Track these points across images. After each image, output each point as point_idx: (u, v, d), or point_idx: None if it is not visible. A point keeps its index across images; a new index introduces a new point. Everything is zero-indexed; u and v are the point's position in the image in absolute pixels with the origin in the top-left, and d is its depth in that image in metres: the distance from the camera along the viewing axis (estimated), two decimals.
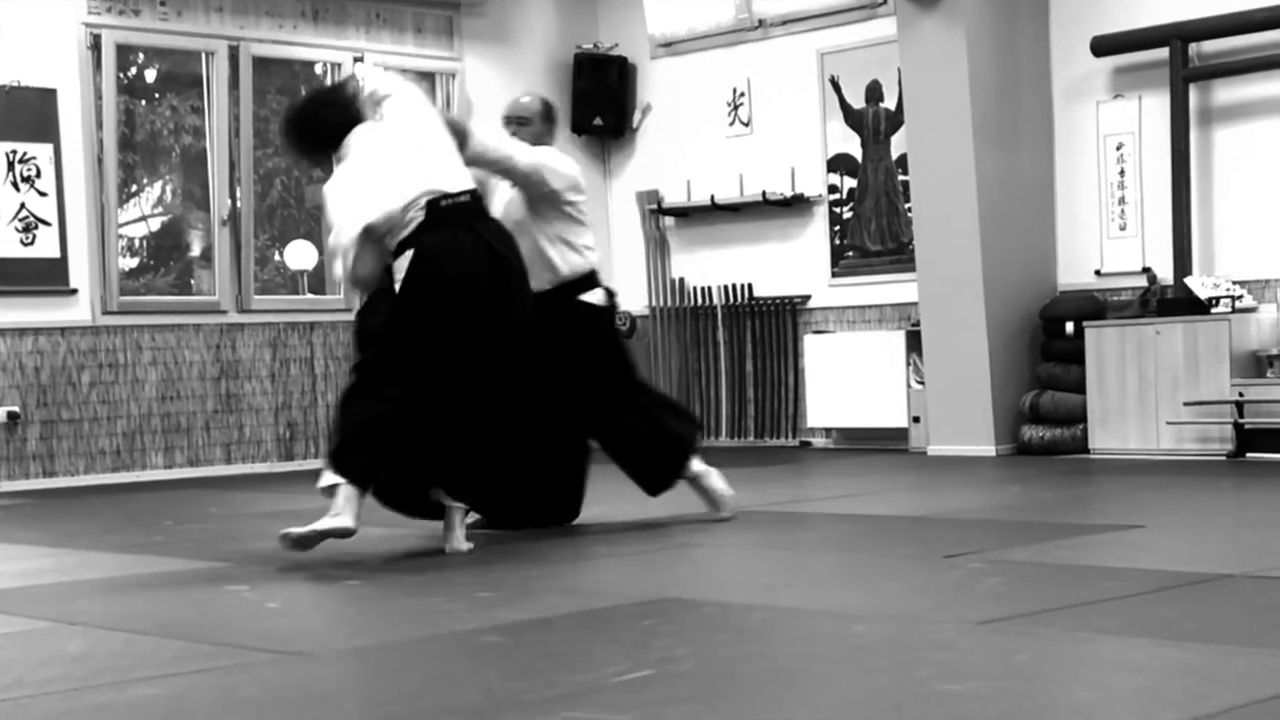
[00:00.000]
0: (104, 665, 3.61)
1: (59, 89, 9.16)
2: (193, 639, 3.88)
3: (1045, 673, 3.21)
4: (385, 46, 10.60)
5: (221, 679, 3.38)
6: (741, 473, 8.67)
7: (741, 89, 10.97)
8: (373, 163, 5.22)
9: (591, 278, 6.03)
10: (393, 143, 5.28)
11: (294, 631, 4.01)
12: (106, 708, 3.12)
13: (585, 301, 5.97)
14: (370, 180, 5.17)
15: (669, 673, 3.28)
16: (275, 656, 3.61)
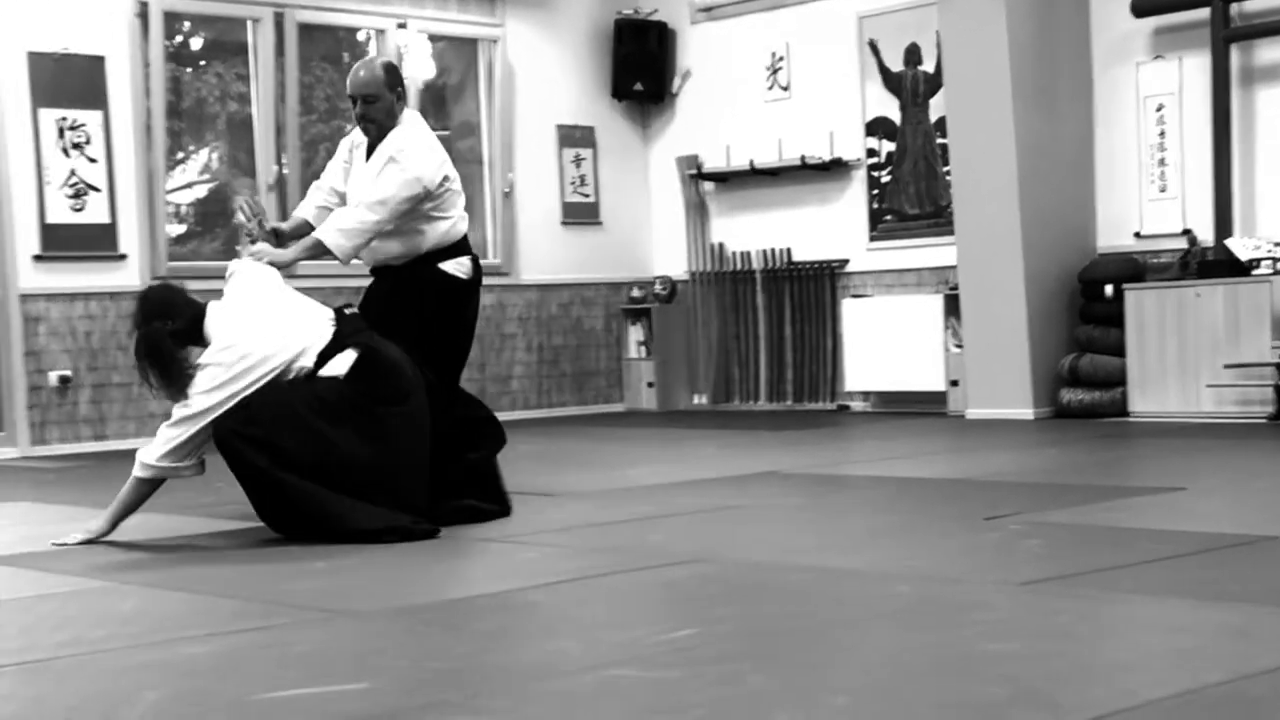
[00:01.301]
0: (157, 624, 3.65)
1: (108, 56, 9.18)
2: (244, 598, 3.91)
3: (1088, 633, 3.20)
4: (428, 13, 10.59)
5: (273, 637, 3.40)
6: (780, 436, 8.69)
7: (780, 53, 10.92)
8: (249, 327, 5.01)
9: (457, 246, 5.63)
10: (253, 306, 5.13)
11: (344, 591, 4.03)
12: (160, 665, 3.15)
13: (446, 272, 5.59)
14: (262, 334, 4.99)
15: (714, 632, 3.29)
16: (326, 615, 3.64)
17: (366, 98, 5.50)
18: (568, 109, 11.33)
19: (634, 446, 8.50)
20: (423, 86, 10.69)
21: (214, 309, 5.06)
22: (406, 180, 5.37)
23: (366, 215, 5.35)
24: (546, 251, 11.18)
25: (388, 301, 5.55)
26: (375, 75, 5.51)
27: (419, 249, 5.53)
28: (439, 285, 5.57)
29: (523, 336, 11.06)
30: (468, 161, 11.33)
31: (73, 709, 2.79)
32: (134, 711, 2.74)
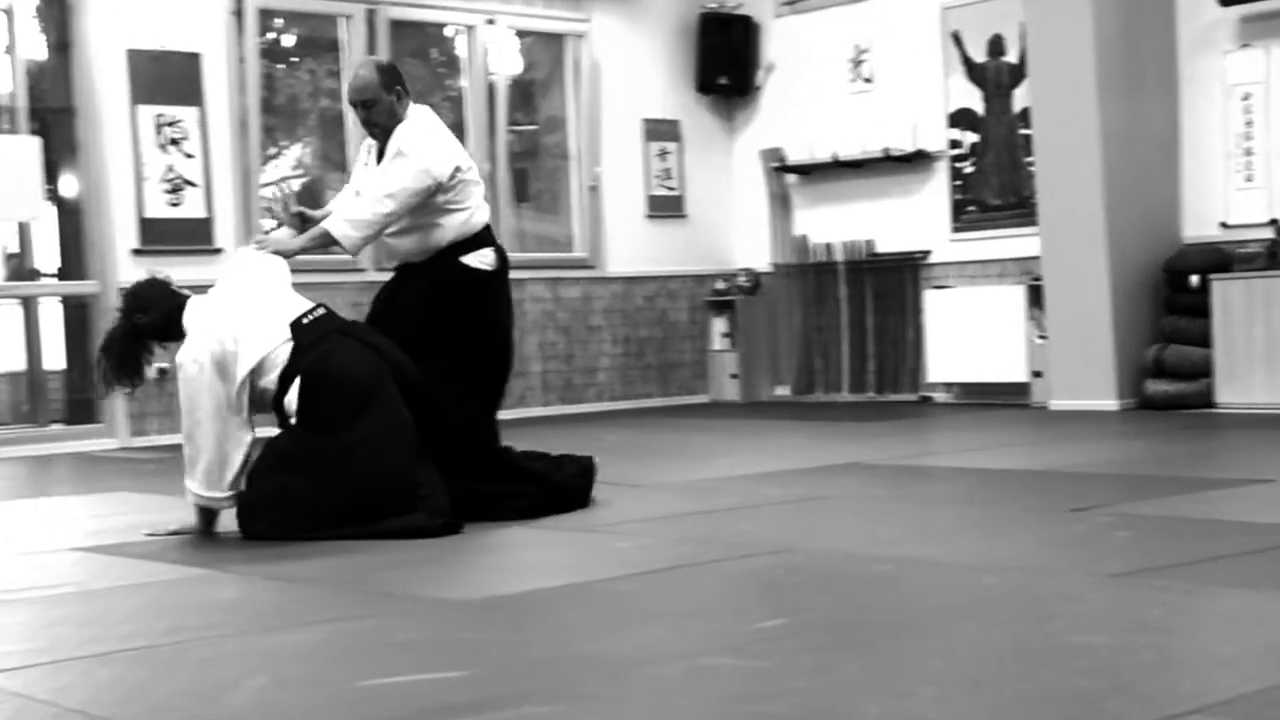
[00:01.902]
0: (258, 612, 3.70)
1: (204, 54, 9.29)
2: (341, 587, 3.96)
3: (1179, 626, 3.18)
4: (515, 9, 10.63)
5: (371, 625, 3.44)
6: (863, 427, 8.66)
7: (864, 45, 10.87)
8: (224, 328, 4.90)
9: (479, 238, 5.49)
10: (231, 304, 5.02)
11: (438, 580, 4.07)
12: (262, 652, 3.19)
13: (468, 266, 5.44)
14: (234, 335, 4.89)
15: (803, 622, 3.29)
16: (421, 604, 3.67)
17: (365, 102, 5.39)
18: (653, 103, 11.33)
19: (718, 438, 8.50)
20: (510, 82, 10.73)
21: (193, 305, 4.99)
22: (415, 172, 5.25)
23: (376, 207, 5.23)
24: (632, 244, 11.19)
25: (411, 302, 5.38)
26: (370, 79, 5.37)
27: (439, 243, 5.39)
28: (462, 280, 5.40)
29: (608, 329, 11.08)
30: (554, 156, 11.38)
31: (178, 695, 2.84)
32: (238, 697, 2.78)
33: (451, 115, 10.39)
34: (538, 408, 10.57)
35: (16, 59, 9.40)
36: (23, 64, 9.35)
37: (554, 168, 11.52)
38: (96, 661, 3.12)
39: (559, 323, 10.81)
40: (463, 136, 10.69)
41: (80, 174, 9.27)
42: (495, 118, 10.52)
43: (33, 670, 3.05)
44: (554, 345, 10.78)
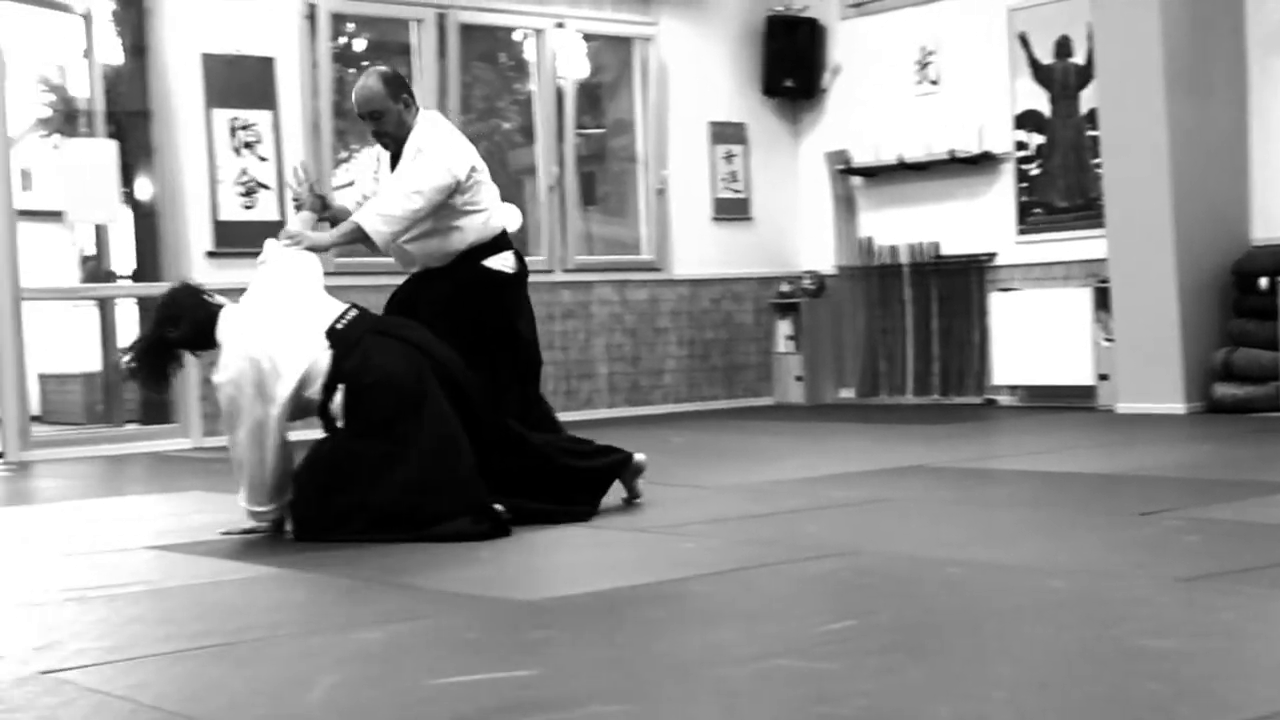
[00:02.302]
0: (327, 610, 3.71)
1: (277, 58, 9.35)
2: (411, 587, 3.96)
3: (1251, 631, 3.13)
4: (584, 12, 10.64)
5: (441, 624, 3.45)
6: (928, 430, 8.60)
7: (930, 47, 10.80)
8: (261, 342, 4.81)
9: (498, 241, 5.48)
10: (265, 315, 4.91)
11: (507, 579, 4.07)
12: (333, 650, 3.20)
13: (490, 269, 5.43)
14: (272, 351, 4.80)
15: (870, 624, 3.27)
16: (490, 603, 3.67)
17: (373, 114, 5.34)
18: (720, 106, 11.31)
19: (783, 440, 8.48)
20: (578, 85, 10.74)
21: (227, 315, 4.90)
22: (436, 170, 5.23)
23: (404, 203, 5.19)
24: (698, 247, 11.18)
25: (436, 307, 5.33)
26: (375, 90, 5.33)
27: (459, 246, 5.37)
28: (485, 283, 5.40)
29: (674, 331, 11.07)
30: (622, 159, 11.38)
31: (251, 692, 2.85)
32: (311, 695, 2.79)
33: (520, 118, 10.41)
34: (604, 409, 10.57)
35: (94, 63, 9.50)
36: (100, 68, 9.44)
37: (621, 171, 11.53)
38: (171, 659, 3.14)
39: (626, 325, 10.81)
40: (531, 140, 10.72)
41: (156, 177, 9.35)
42: (563, 121, 10.53)
43: (109, 667, 3.07)
44: (621, 347, 10.78)
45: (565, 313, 10.53)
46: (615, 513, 5.21)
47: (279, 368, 4.73)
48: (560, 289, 10.51)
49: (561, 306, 10.51)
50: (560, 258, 10.54)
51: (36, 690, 2.86)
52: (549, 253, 10.51)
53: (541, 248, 10.59)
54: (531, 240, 10.41)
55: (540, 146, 10.52)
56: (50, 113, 18.53)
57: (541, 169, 10.54)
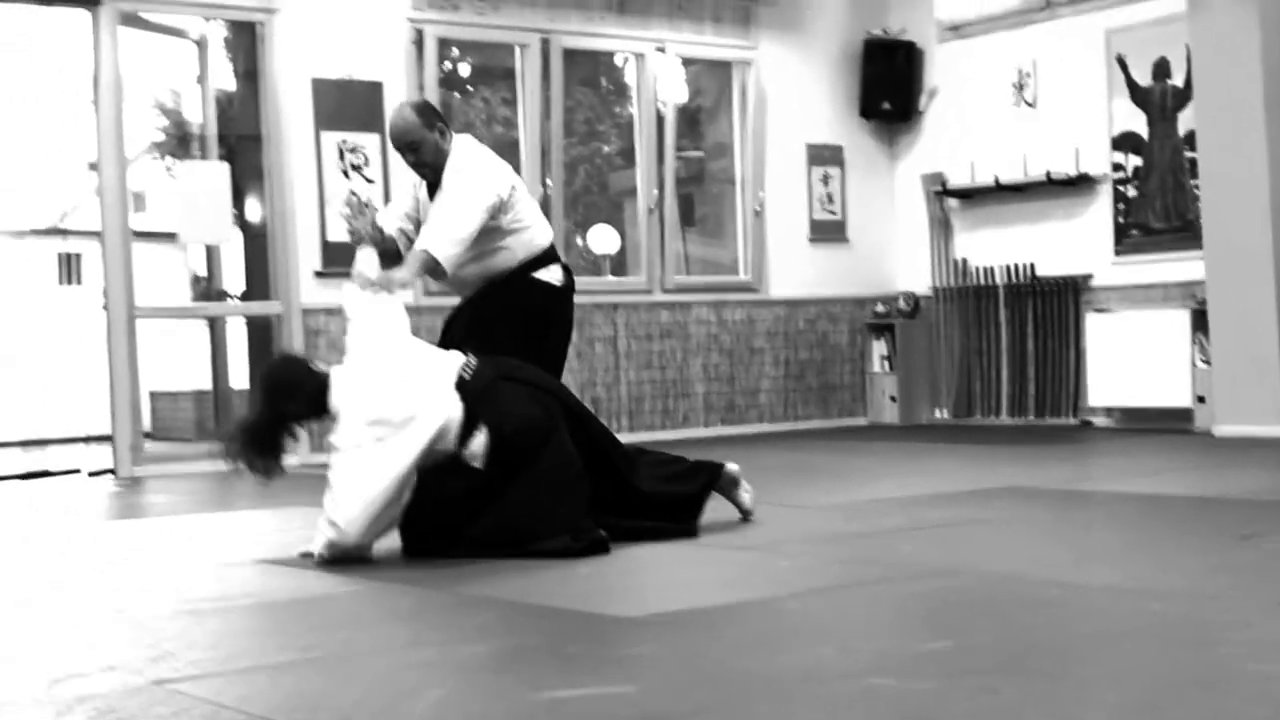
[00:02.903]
0: (432, 625, 3.73)
1: (384, 82, 9.44)
2: (512, 602, 3.97)
3: None
4: (685, 37, 10.65)
5: (544, 639, 3.45)
6: (1023, 451, 8.51)
7: (1027, 69, 10.72)
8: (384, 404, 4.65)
9: (546, 255, 5.52)
10: (382, 377, 4.74)
11: (607, 595, 4.07)
12: (439, 663, 3.22)
13: (540, 280, 5.48)
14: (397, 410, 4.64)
15: (968, 644, 3.24)
16: (592, 619, 3.67)
17: (410, 145, 5.34)
18: (817, 128, 11.29)
19: (877, 460, 8.43)
20: (677, 109, 10.76)
21: (339, 380, 4.71)
22: (480, 189, 5.26)
23: (459, 224, 5.20)
24: (794, 268, 11.15)
25: (494, 312, 5.38)
26: (410, 122, 5.32)
27: (509, 265, 5.41)
28: (533, 290, 5.45)
29: (770, 351, 11.05)
30: (720, 181, 11.39)
31: (358, 704, 2.87)
32: (417, 707, 2.81)
33: (620, 142, 10.45)
34: (700, 428, 10.56)
35: (207, 88, 9.67)
36: (213, 93, 9.61)
37: (719, 193, 11.54)
38: (281, 670, 3.17)
39: (722, 345, 10.80)
40: (631, 163, 10.75)
41: (266, 199, 9.47)
42: (663, 144, 10.55)
43: (220, 678, 3.10)
44: (717, 367, 10.77)
45: (663, 332, 10.54)
46: (712, 530, 5.19)
47: (409, 426, 4.60)
48: (659, 309, 10.53)
49: (659, 326, 10.52)
50: (659, 278, 10.56)
51: (150, 701, 2.90)
52: (648, 273, 10.54)
53: (640, 269, 10.62)
54: (631, 261, 10.45)
55: (640, 169, 10.55)
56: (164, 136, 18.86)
57: (641, 191, 10.57)
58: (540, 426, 4.76)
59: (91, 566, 5.03)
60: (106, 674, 3.13)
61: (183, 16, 9.29)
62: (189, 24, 9.50)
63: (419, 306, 9.32)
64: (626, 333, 10.37)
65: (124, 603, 4.12)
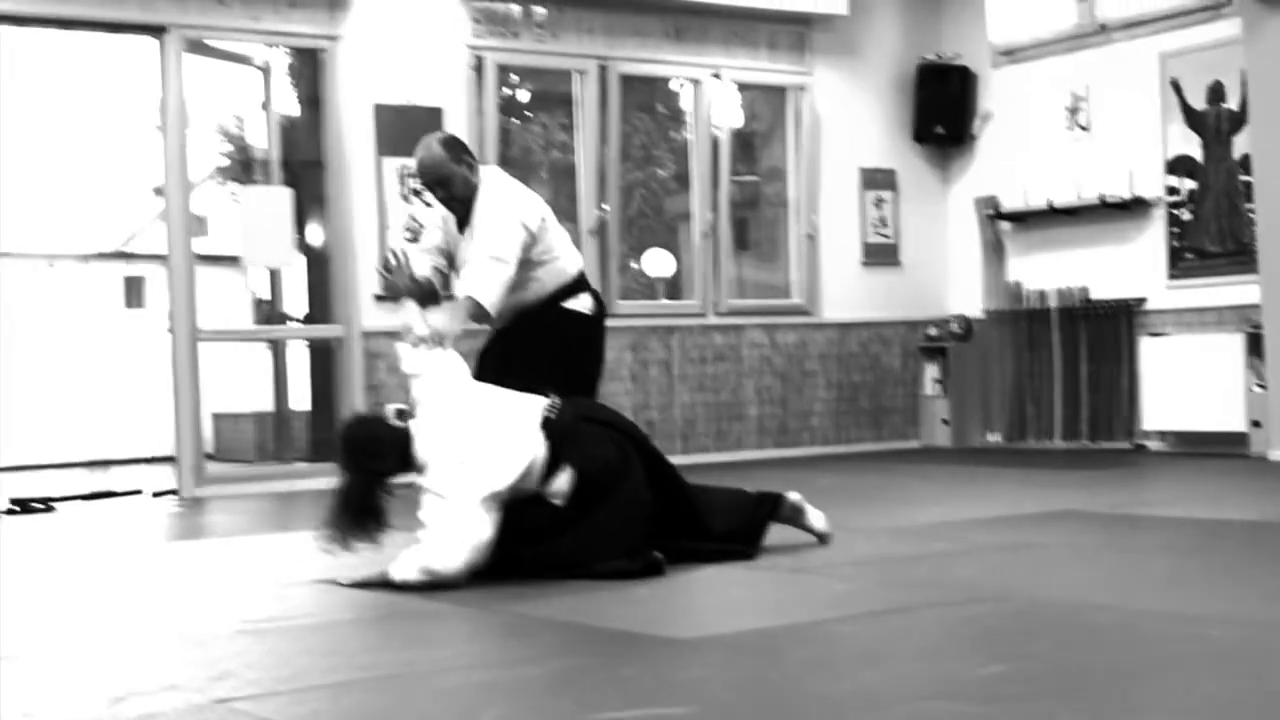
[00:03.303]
0: (490, 646, 3.74)
1: (445, 108, 9.49)
2: (568, 624, 3.96)
3: None
4: (740, 63, 10.65)
5: (601, 661, 3.44)
6: (1076, 475, 8.44)
7: (1081, 93, 10.66)
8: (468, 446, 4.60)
9: (576, 284, 5.49)
10: (466, 425, 4.66)
11: (664, 618, 4.06)
12: (497, 685, 3.22)
13: (571, 309, 5.46)
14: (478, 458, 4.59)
15: (1023, 670, 3.21)
16: (649, 641, 3.66)
17: (439, 181, 5.29)
18: (870, 152, 11.27)
19: (930, 483, 8.38)
20: (732, 134, 10.76)
21: (421, 435, 4.62)
22: (512, 227, 5.21)
23: (497, 268, 5.16)
24: (847, 291, 11.12)
25: (515, 344, 5.34)
26: (438, 157, 5.27)
27: (541, 294, 5.38)
28: (564, 321, 5.42)
29: (823, 374, 11.01)
30: (774, 205, 11.39)
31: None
32: None
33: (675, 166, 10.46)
34: (753, 450, 10.54)
35: (271, 114, 9.75)
36: (277, 119, 9.68)
37: (773, 216, 11.53)
38: (340, 690, 3.18)
39: (775, 368, 10.78)
40: (686, 187, 10.76)
41: (327, 223, 9.53)
42: (718, 168, 10.56)
43: (281, 697, 3.11)
44: (770, 390, 10.74)
45: (716, 355, 10.53)
46: (766, 553, 5.17)
47: (498, 465, 4.56)
48: (712, 332, 10.52)
49: (713, 349, 10.51)
50: (712, 301, 10.55)
51: (211, 719, 2.91)
52: (702, 297, 10.54)
53: (694, 292, 10.62)
54: (685, 284, 10.45)
55: (695, 193, 10.55)
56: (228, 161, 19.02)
57: (696, 215, 10.57)
58: (618, 469, 4.74)
59: (153, 586, 5.07)
60: (168, 693, 3.14)
61: (248, 44, 9.36)
62: (253, 51, 9.59)
63: (477, 330, 9.36)
64: (680, 355, 10.37)
65: (185, 622, 4.15)
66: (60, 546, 6.60)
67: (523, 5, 9.77)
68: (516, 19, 9.75)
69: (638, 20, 10.20)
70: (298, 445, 10.84)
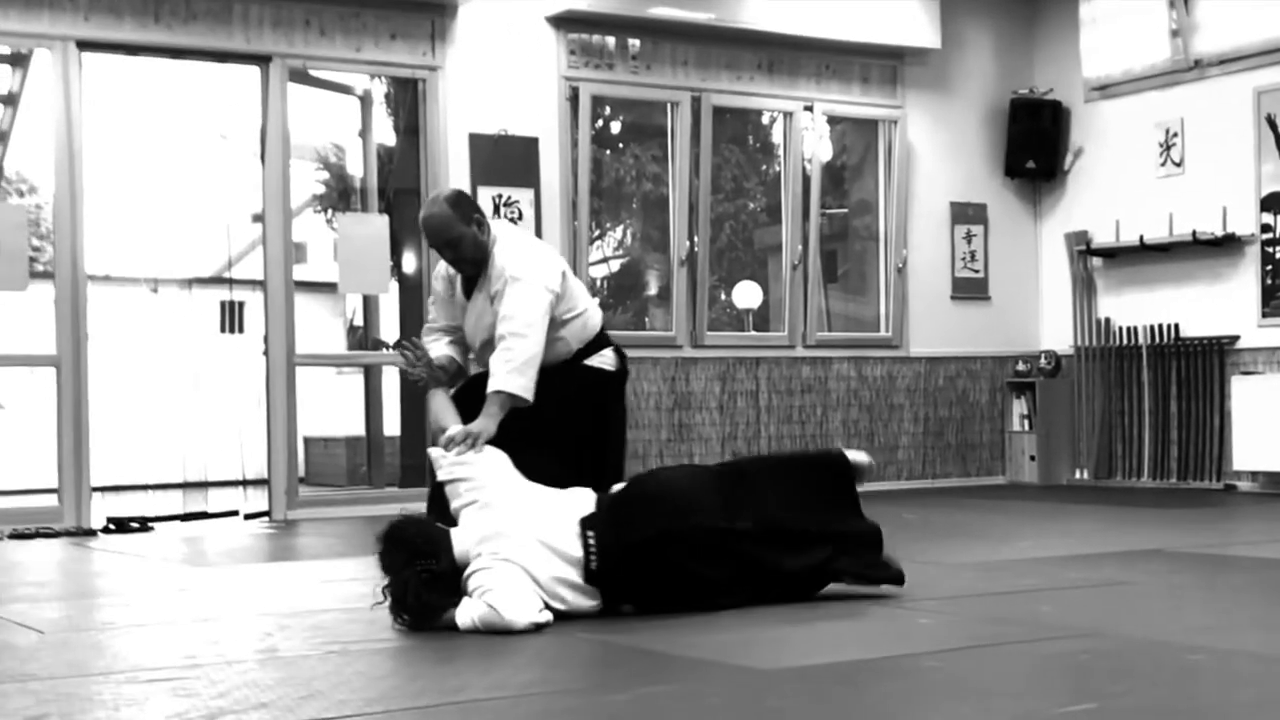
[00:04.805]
0: (574, 673, 3.73)
1: (540, 138, 9.54)
2: (653, 652, 3.95)
3: None
4: (832, 96, 10.63)
5: (686, 689, 3.43)
6: (1165, 514, 8.31)
7: (1174, 129, 10.53)
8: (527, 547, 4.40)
9: (598, 341, 5.35)
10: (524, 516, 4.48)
11: (747, 647, 4.02)
12: (582, 710, 3.21)
13: (594, 367, 5.30)
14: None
15: (1112, 708, 3.15)
16: (732, 670, 3.64)
17: (449, 243, 5.09)
18: (961, 186, 11.20)
19: (1016, 519, 8.28)
20: (823, 166, 10.74)
21: (460, 535, 4.47)
22: (536, 294, 5.01)
23: (525, 346, 4.96)
24: (935, 325, 11.04)
25: (536, 408, 5.02)
26: (445, 217, 5.07)
27: (566, 353, 5.22)
28: (584, 378, 5.25)
29: (910, 408, 10.93)
30: (863, 238, 11.33)
31: None
32: None
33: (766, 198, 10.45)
34: None
35: (369, 143, 9.85)
36: (375, 147, 9.77)
37: (862, 249, 11.47)
38: (426, 713, 3.19)
39: (863, 401, 10.72)
40: (776, 219, 10.74)
41: (421, 251, 9.59)
42: (808, 201, 10.53)
43: (368, 718, 3.12)
44: (857, 423, 10.68)
45: (804, 387, 10.49)
46: (849, 588, 5.13)
47: (554, 564, 4.42)
48: (800, 364, 10.48)
49: (800, 381, 10.47)
50: (801, 334, 10.51)
51: None
52: (790, 328, 10.50)
53: (783, 324, 10.59)
54: (774, 316, 10.42)
55: (785, 225, 10.53)
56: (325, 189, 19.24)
57: (786, 247, 10.55)
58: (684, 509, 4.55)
59: (245, 606, 5.11)
60: (258, 711, 3.16)
61: (349, 74, 9.47)
62: (354, 80, 9.69)
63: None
64: (768, 387, 10.33)
65: (276, 642, 4.18)
66: (155, 565, 6.68)
67: (618, 38, 9.82)
68: (611, 51, 9.80)
69: (731, 52, 10.21)
70: (389, 470, 10.91)
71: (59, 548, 7.39)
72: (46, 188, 15.24)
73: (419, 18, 9.23)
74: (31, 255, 10.42)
